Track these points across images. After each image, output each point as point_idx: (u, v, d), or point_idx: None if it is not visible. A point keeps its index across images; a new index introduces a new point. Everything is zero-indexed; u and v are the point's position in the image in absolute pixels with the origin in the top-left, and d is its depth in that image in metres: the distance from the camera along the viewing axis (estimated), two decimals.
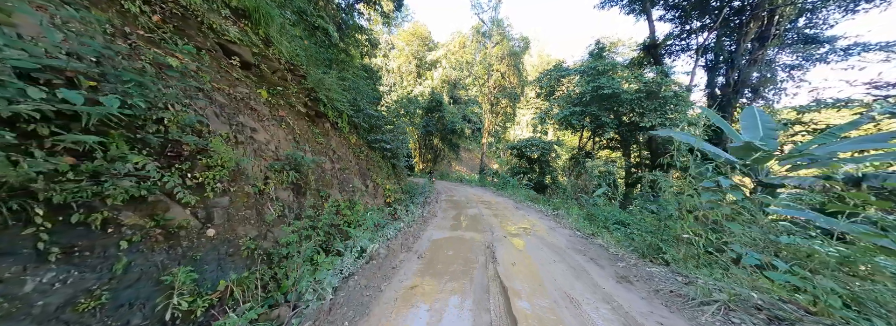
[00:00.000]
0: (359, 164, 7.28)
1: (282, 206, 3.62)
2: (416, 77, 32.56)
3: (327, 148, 5.73)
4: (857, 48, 11.84)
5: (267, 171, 3.59)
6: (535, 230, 5.68)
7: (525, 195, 11.15)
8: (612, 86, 10.90)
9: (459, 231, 5.46)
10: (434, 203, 9.40)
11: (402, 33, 32.00)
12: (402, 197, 8.67)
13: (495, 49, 21.47)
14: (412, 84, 31.87)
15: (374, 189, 7.46)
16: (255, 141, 3.70)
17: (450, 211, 7.59)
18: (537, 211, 8.12)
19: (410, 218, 6.21)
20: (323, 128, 5.98)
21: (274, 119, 4.30)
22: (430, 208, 8.27)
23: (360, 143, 8.16)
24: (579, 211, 7.07)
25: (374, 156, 8.84)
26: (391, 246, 4.27)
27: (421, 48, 32.47)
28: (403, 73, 32.22)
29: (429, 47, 33.13)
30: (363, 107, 8.10)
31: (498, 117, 25.00)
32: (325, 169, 5.33)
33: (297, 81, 5.31)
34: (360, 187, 6.68)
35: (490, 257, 3.89)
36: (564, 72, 13.46)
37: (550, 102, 14.95)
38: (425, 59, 32.06)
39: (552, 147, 19.00)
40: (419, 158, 31.44)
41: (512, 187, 13.04)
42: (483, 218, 6.76)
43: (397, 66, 31.90)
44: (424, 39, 32.65)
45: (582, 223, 6.29)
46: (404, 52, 31.61)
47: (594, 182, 9.02)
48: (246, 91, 3.95)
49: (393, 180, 9.69)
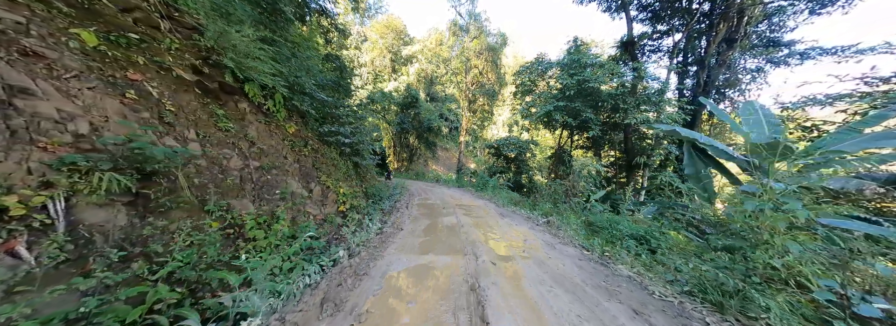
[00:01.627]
0: (300, 162, 5.44)
1: (83, 240, 1.81)
2: (391, 72, 30.52)
3: (238, 137, 3.88)
4: (813, 52, 11.68)
5: (48, 172, 1.77)
6: (530, 248, 4.16)
7: (507, 197, 9.71)
8: (597, 79, 9.71)
9: (430, 254, 3.82)
10: (404, 209, 7.70)
11: (375, 25, 29.84)
12: (363, 203, 6.90)
13: (473, 43, 19.99)
14: (387, 79, 29.80)
15: (322, 194, 5.65)
16: (22, 113, 1.85)
17: (421, 221, 5.93)
18: (525, 218, 6.65)
19: (362, 235, 4.48)
20: (234, 110, 4.11)
21: (104, 80, 2.43)
22: (397, 217, 6.57)
23: (307, 135, 6.30)
24: (576, 219, 5.68)
25: (328, 152, 7.00)
26: (306, 304, 2.52)
27: (396, 42, 30.45)
28: (377, 68, 30.07)
29: (404, 41, 31.18)
30: (311, 90, 6.24)
31: (476, 115, 23.61)
32: (228, 168, 3.49)
33: (181, 34, 3.41)
34: (299, 192, 4.86)
35: (475, 311, 2.30)
36: (547, 65, 12.19)
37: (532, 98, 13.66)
38: (400, 54, 30.08)
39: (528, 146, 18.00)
40: (394, 157, 29.44)
41: (492, 188, 11.59)
42: (462, 229, 5.17)
43: (371, 60, 29.70)
44: (399, 33, 30.67)
45: (584, 235, 4.87)
46: (378, 44, 29.47)
47: (581, 182, 7.73)
48: (21, 20, 2.07)
49: (354, 182, 7.88)
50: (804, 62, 11.55)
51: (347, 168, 7.69)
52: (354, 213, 6.18)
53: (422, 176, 23.25)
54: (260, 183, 3.93)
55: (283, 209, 4.00)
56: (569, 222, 5.56)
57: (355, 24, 29.61)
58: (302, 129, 6.18)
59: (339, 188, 6.09)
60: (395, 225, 5.56)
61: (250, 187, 3.70)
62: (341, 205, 5.97)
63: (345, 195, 6.13)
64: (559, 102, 10.10)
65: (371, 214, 6.62)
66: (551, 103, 10.18)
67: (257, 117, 4.51)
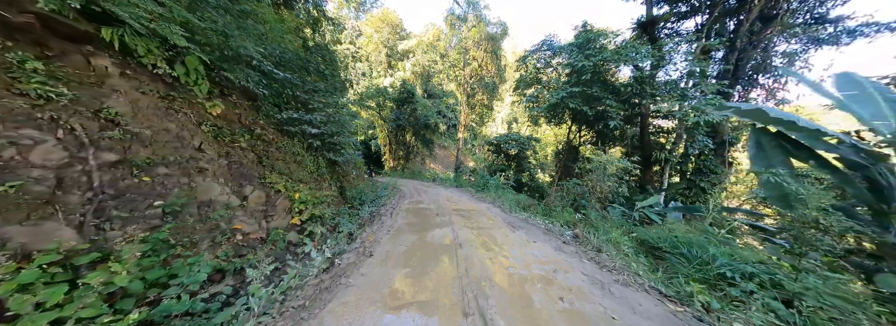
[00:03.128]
0: (232, 157, 3.77)
1: None
2: (387, 67, 28.79)
3: (71, 111, 2.21)
4: (868, 28, 9.93)
5: None
6: (571, 292, 2.53)
7: (513, 200, 8.06)
8: (624, 57, 7.98)
9: (405, 311, 2.18)
10: (387, 216, 6.04)
11: (370, 18, 28.12)
12: (330, 211, 5.23)
13: (472, 32, 18.24)
14: (382, 74, 28.07)
15: (266, 201, 4.00)
16: None
17: (404, 237, 4.28)
18: (543, 229, 5.00)
19: (279, 288, 2.77)
20: (80, 67, 2.43)
21: None
22: (375, 229, 4.91)
23: (252, 122, 4.63)
24: (619, 233, 4.00)
25: (289, 145, 5.33)
26: None
27: (392, 36, 28.72)
28: (372, 63, 28.35)
29: (400, 36, 29.45)
30: (262, 63, 4.54)
31: (474, 110, 21.89)
32: (24, 163, 1.82)
33: None
34: (221, 200, 3.22)
35: None
36: (557, 47, 10.45)
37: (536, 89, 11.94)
38: (396, 49, 28.34)
39: (530, 142, 16.48)
40: (390, 155, 27.74)
41: (495, 188, 9.93)
42: (460, 252, 3.52)
43: (366, 55, 27.97)
44: (395, 27, 28.96)
45: (647, 265, 3.23)
46: (373, 39, 27.74)
47: (606, 182, 6.07)
48: None
49: (327, 183, 6.22)
50: (855, 40, 9.82)
51: (317, 166, 6.02)
52: (318, 226, 4.52)
53: (418, 175, 21.58)
54: (118, 189, 2.26)
55: (165, 232, 2.33)
56: (609, 238, 3.91)
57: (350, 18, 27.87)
58: (244, 114, 4.51)
59: (294, 193, 4.42)
60: (366, 245, 3.89)
61: (81, 199, 2.03)
62: (296, 216, 4.31)
63: (303, 202, 4.47)
64: (574, 88, 8.37)
65: (343, 225, 4.97)
66: (564, 89, 8.44)
67: (138, 84, 2.83)
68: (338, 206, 6.41)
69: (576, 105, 8.26)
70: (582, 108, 8.28)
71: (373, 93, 23.64)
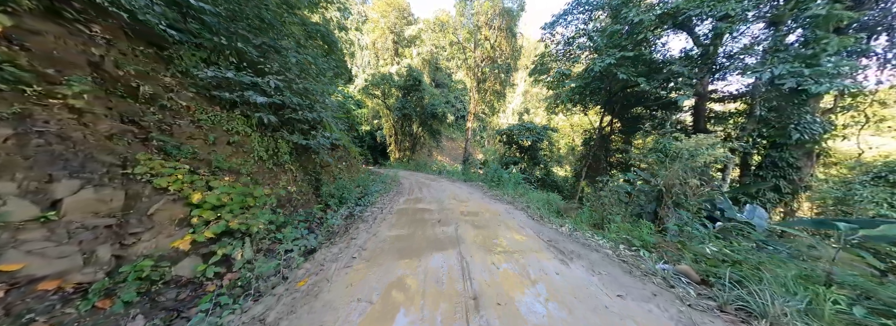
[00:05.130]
0: (34, 124, 1.89)
1: None
2: (394, 55, 26.66)
3: None
4: None
5: None
6: None
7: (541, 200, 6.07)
8: (693, 5, 5.59)
9: None
10: (371, 222, 4.17)
11: (377, 2, 25.89)
12: (277, 218, 3.32)
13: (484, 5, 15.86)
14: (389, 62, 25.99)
15: (122, 208, 2.13)
16: None
17: (374, 276, 2.39)
18: (612, 257, 3.05)
19: None
20: None
21: None
22: (336, 252, 3.03)
23: (154, 77, 2.74)
24: (798, 276, 1.98)
25: (222, 119, 3.45)
26: None
27: (398, 21, 26.48)
28: (379, 50, 26.26)
29: (407, 21, 27.15)
30: None
31: (485, 95, 19.63)
32: None
33: None
34: None
35: None
36: (597, 3, 7.89)
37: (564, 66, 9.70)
38: (403, 35, 26.09)
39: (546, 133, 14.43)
40: (396, 146, 25.87)
41: (513, 184, 7.93)
42: (480, 323, 1.62)
43: (372, 41, 25.89)
44: (402, 11, 26.68)
45: None
46: (379, 24, 25.58)
47: (693, 180, 3.94)
48: None
49: (282, 176, 4.37)
50: None
51: (273, 151, 4.15)
52: (240, 246, 2.68)
53: (424, 168, 19.71)
54: None
55: None
56: (787, 288, 1.91)
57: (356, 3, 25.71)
58: (124, 60, 2.61)
59: (198, 191, 2.55)
60: (286, 302, 2.01)
61: None
62: (190, 234, 2.44)
63: (210, 207, 2.60)
64: (615, 54, 6.04)
65: (288, 241, 3.10)
66: (611, 54, 6.06)
67: None
68: (306, 207, 4.57)
69: (628, 75, 5.99)
70: (634, 79, 6.04)
71: (378, 80, 21.67)
